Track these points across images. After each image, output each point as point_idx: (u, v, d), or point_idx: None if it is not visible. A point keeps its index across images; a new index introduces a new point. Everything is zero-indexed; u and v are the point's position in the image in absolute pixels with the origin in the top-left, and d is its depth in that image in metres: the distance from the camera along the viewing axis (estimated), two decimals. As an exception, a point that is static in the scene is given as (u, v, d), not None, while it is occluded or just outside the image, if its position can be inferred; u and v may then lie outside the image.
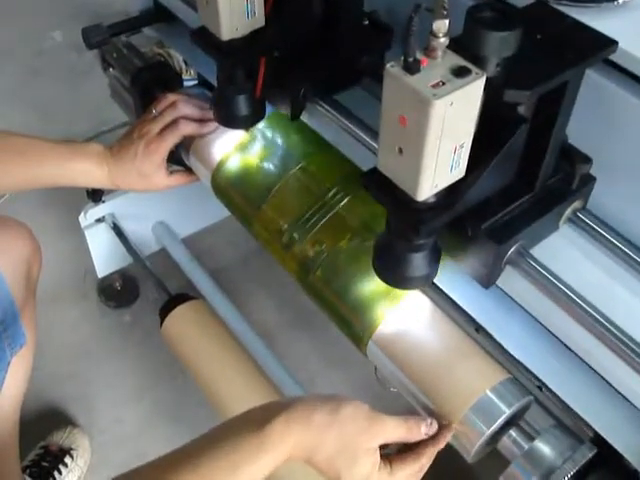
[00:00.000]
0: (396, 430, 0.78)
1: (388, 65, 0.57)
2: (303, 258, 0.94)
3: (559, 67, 0.64)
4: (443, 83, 0.56)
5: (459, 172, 0.63)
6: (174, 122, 1.06)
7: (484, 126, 0.63)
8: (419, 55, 0.57)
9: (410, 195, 0.62)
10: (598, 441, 0.76)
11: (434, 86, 0.55)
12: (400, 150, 0.60)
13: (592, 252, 0.81)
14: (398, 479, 0.78)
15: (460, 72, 0.57)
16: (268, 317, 1.70)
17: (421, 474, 0.80)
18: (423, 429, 0.79)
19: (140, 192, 1.15)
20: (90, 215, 1.55)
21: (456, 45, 0.59)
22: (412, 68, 0.56)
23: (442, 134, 0.57)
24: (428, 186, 0.61)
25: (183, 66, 2.05)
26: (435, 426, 0.79)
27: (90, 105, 2.19)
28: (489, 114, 0.63)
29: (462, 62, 0.58)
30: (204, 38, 0.87)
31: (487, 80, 0.58)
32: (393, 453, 0.79)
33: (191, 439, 0.74)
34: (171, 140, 1.07)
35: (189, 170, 1.15)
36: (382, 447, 0.78)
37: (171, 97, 1.09)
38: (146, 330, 1.69)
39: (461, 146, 0.61)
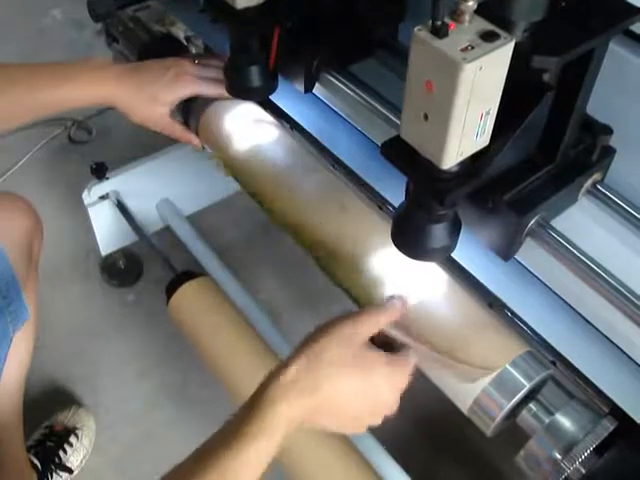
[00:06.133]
0: (376, 318, 0.77)
1: (416, 29, 0.56)
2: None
3: (586, 34, 0.64)
4: (472, 47, 0.55)
5: (484, 140, 0.62)
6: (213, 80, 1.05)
7: (508, 94, 0.62)
8: (446, 19, 0.56)
9: (435, 163, 0.61)
10: (616, 414, 0.75)
11: (463, 50, 0.54)
12: (426, 116, 0.59)
13: (611, 224, 0.80)
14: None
15: (489, 36, 0.56)
16: (273, 295, 1.69)
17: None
18: (398, 305, 0.79)
19: (134, 120, 1.08)
20: (94, 192, 1.53)
21: (483, 10, 0.58)
22: (440, 32, 0.55)
23: (470, 99, 0.56)
24: (454, 154, 0.60)
25: (184, 43, 2.03)
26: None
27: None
28: (513, 81, 0.61)
29: (490, 27, 0.57)
30: (218, 7, 0.85)
31: (515, 46, 0.57)
32: None
33: (196, 419, 0.72)
34: (205, 89, 1.05)
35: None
36: None
37: (216, 60, 1.08)
38: (149, 309, 1.68)
39: (487, 113, 0.60)
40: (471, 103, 0.57)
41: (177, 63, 1.05)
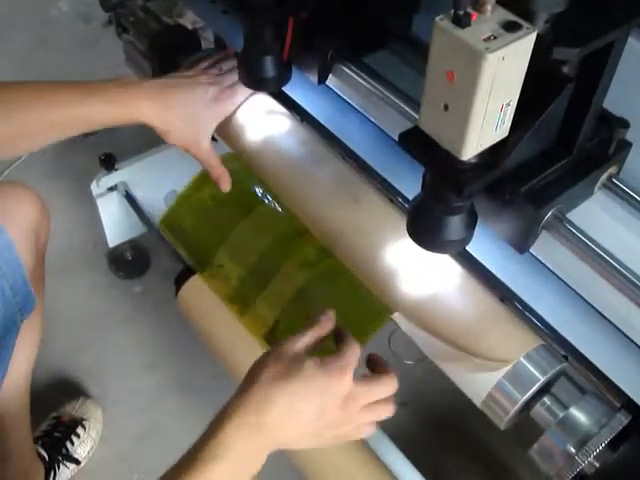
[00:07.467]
0: (306, 332, 0.78)
1: (437, 18, 0.55)
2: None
3: (607, 26, 0.63)
4: (494, 37, 0.54)
5: (503, 132, 0.62)
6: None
7: (527, 85, 0.61)
8: (469, 9, 0.56)
9: (454, 154, 0.61)
10: (630, 409, 0.75)
11: (486, 40, 0.54)
12: (446, 107, 0.59)
13: (627, 218, 0.80)
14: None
15: (511, 27, 0.55)
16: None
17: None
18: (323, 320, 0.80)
19: (171, 142, 1.01)
20: (102, 183, 1.53)
21: (504, 0, 0.57)
22: (462, 21, 0.55)
23: (491, 90, 0.56)
24: (473, 145, 0.60)
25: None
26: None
27: (96, 75, 2.16)
28: (533, 73, 0.61)
29: (512, 17, 0.56)
30: (232, -3, 0.85)
31: (536, 36, 0.56)
32: None
33: (203, 411, 0.73)
34: (241, 97, 1.02)
35: None
36: None
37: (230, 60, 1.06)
38: (157, 301, 1.68)
39: (507, 104, 0.59)
40: (492, 94, 0.56)
41: (208, 79, 1.02)
